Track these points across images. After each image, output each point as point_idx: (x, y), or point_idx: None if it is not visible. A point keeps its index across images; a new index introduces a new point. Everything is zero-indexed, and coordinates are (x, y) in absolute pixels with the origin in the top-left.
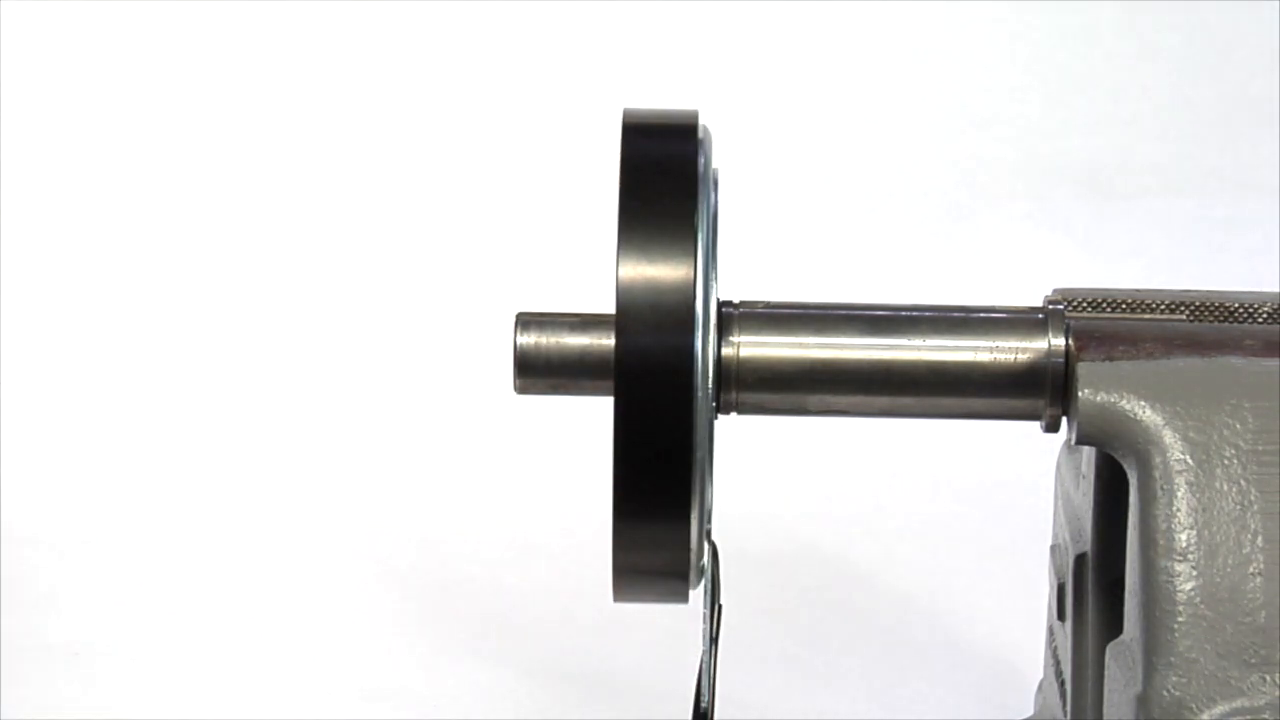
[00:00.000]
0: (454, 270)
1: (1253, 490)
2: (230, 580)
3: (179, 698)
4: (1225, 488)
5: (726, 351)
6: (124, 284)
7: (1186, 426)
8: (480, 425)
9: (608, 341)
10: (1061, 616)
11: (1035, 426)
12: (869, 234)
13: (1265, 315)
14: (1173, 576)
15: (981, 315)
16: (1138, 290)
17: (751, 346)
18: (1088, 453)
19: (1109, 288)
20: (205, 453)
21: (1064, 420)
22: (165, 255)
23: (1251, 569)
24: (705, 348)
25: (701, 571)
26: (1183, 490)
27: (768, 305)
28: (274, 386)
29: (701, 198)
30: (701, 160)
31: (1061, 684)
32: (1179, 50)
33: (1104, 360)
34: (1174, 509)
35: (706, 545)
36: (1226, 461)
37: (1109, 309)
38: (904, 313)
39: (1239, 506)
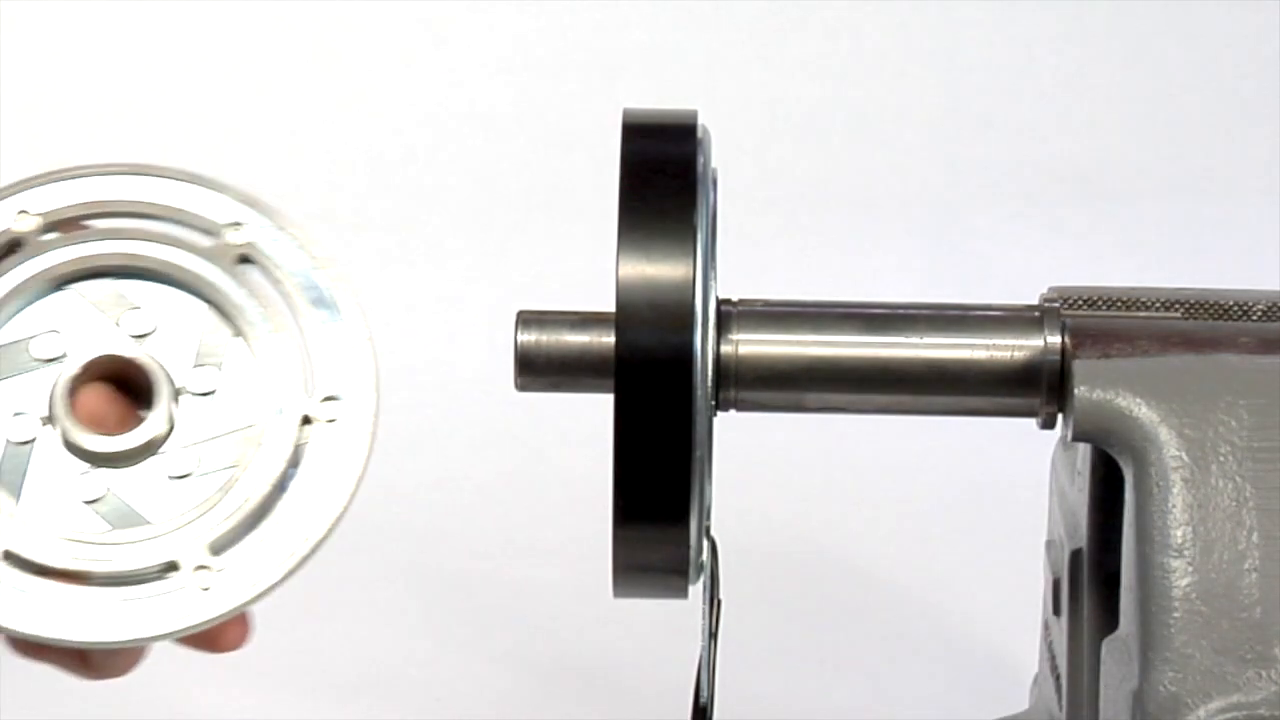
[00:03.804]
0: (454, 269)
1: (1248, 487)
2: None
3: (179, 695)
4: (1221, 484)
5: (725, 349)
6: None
7: (1182, 423)
8: (481, 422)
9: (608, 339)
10: (1057, 611)
11: (1031, 423)
12: (866, 233)
13: (1259, 313)
14: (1168, 572)
15: (978, 313)
16: (1133, 288)
17: (750, 344)
18: (1083, 449)
19: (1104, 286)
20: None
21: (1060, 417)
22: None
23: (1247, 565)
24: (704, 345)
25: (701, 567)
26: (1178, 487)
27: (766, 303)
28: None
29: (701, 197)
30: (701, 160)
31: (1057, 679)
32: (1171, 52)
33: (1100, 358)
34: (1170, 505)
35: (705, 541)
36: (1222, 458)
37: (1105, 307)
38: (901, 311)
39: (1234, 503)
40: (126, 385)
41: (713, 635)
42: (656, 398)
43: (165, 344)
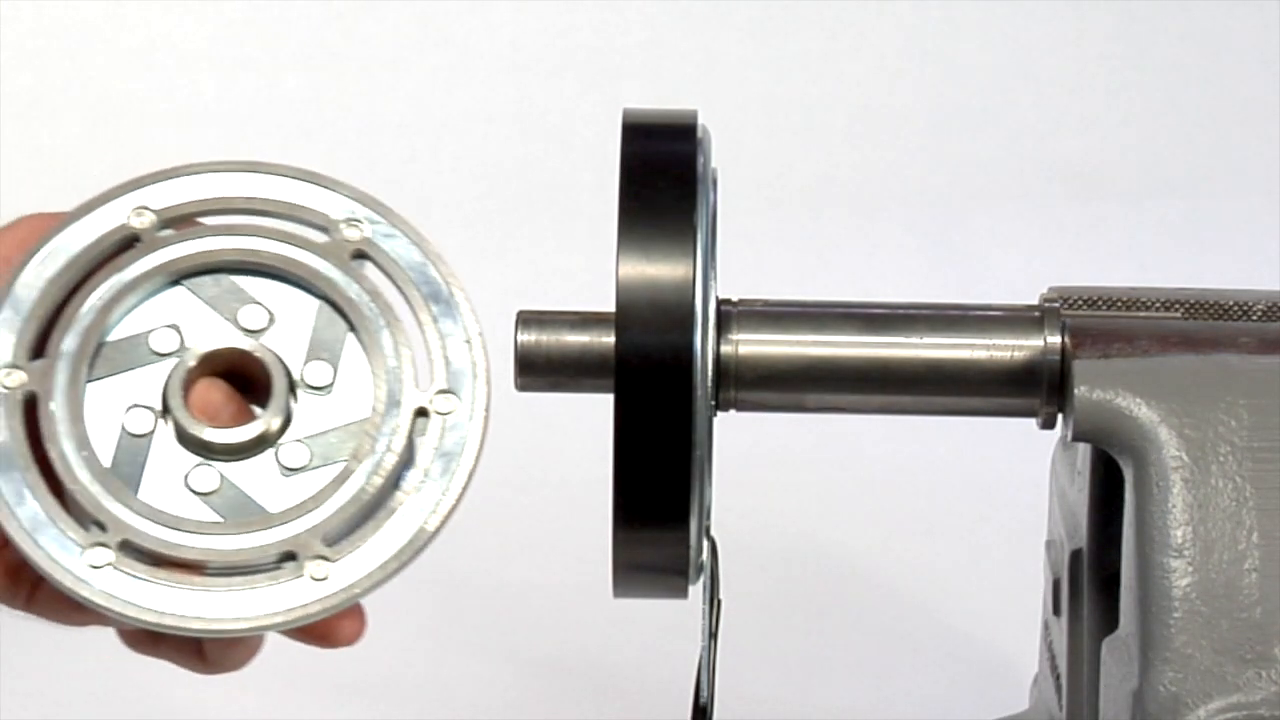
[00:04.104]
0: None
1: (1248, 487)
2: None
3: (180, 695)
4: (1221, 484)
5: (725, 349)
6: None
7: (1182, 423)
8: None
9: (608, 339)
10: (1057, 612)
11: (1031, 423)
12: (866, 233)
13: (1259, 313)
14: (1169, 572)
15: (978, 313)
16: (1133, 288)
17: (750, 344)
18: (1083, 449)
19: (1104, 286)
20: None
21: (1060, 417)
22: None
23: (1247, 565)
24: (704, 346)
25: (701, 567)
26: (1178, 487)
27: (766, 303)
28: None
29: (701, 197)
30: (701, 160)
31: (1057, 679)
32: (1170, 51)
33: (1100, 358)
34: (1170, 505)
35: (705, 541)
36: (1222, 458)
37: (1104, 307)
38: (901, 311)
39: (1235, 503)
40: (242, 379)
41: (713, 635)
42: (656, 398)
43: (280, 338)
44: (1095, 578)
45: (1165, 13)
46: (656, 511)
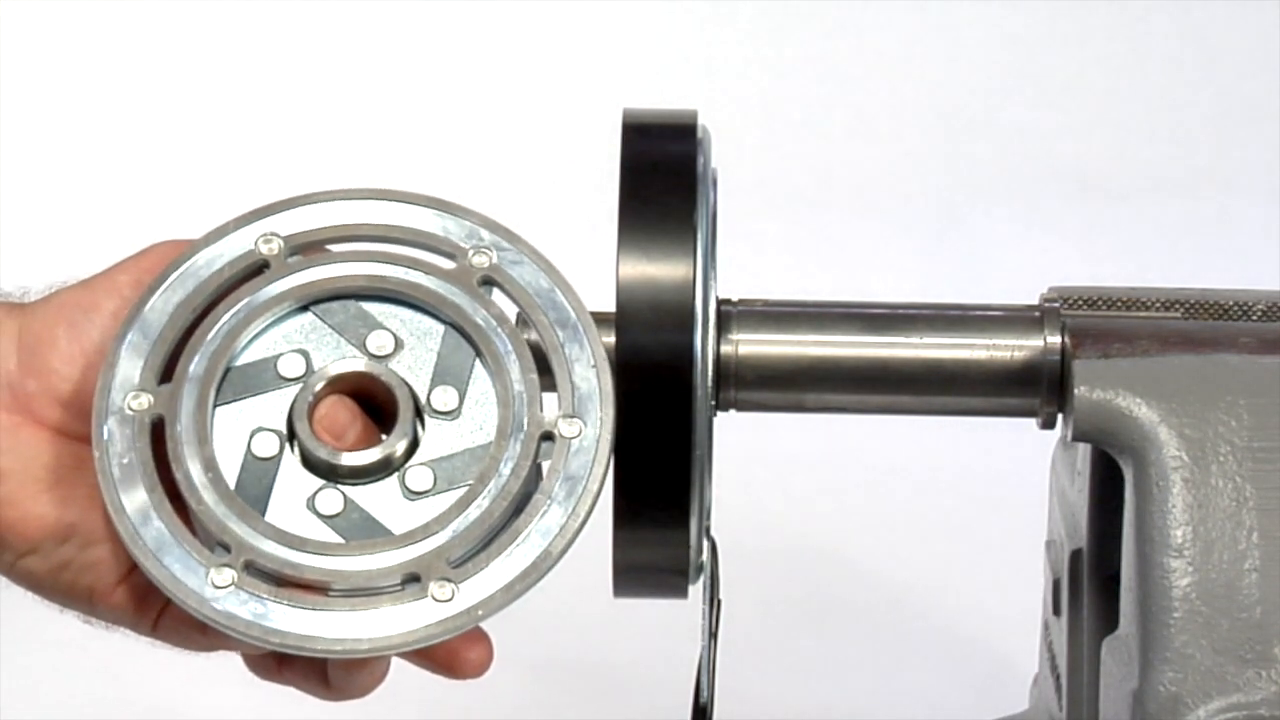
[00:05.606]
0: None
1: (1248, 487)
2: None
3: (179, 695)
4: (1221, 484)
5: (725, 349)
6: None
7: (1182, 423)
8: None
9: (608, 339)
10: (1057, 612)
11: (1031, 423)
12: (866, 233)
13: (1259, 313)
14: (1169, 572)
15: (978, 313)
16: (1133, 288)
17: (750, 344)
18: (1083, 449)
19: (1104, 286)
20: None
21: (1060, 417)
22: None
23: (1247, 565)
24: (704, 345)
25: (701, 567)
26: (1178, 487)
27: (766, 303)
28: None
29: (701, 197)
30: (701, 160)
31: (1057, 679)
32: (1170, 52)
33: (1100, 358)
34: (1170, 505)
35: (705, 542)
36: (1222, 458)
37: (1104, 307)
38: (901, 311)
39: (1234, 503)
40: (369, 403)
41: (713, 635)
42: (656, 398)
43: (407, 363)
44: (1095, 578)
45: (1165, 13)
46: (656, 512)
